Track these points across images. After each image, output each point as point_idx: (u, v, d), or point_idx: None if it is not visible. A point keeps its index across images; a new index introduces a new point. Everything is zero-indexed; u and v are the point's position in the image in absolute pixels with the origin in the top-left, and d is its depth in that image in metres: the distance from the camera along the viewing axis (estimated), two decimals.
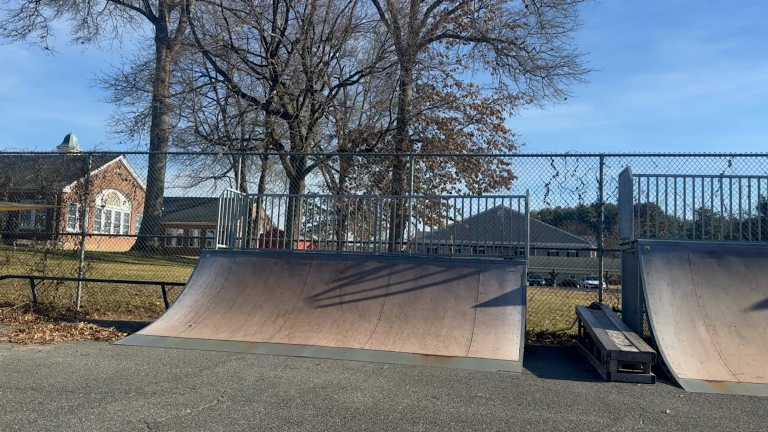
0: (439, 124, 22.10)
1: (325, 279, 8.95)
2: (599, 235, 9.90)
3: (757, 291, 7.45)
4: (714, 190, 8.39)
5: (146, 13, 28.13)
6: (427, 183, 20.68)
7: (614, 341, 6.73)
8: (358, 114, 28.59)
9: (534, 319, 10.53)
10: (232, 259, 9.56)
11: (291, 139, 23.69)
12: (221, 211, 9.96)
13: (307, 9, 22.68)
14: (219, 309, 8.61)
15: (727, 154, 9.30)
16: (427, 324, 7.86)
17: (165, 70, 25.85)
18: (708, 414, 5.01)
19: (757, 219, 8.73)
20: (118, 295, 12.07)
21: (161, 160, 24.35)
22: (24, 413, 4.38)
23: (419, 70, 23.51)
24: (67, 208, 14.52)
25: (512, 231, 9.40)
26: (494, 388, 5.73)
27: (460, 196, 14.75)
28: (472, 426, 4.42)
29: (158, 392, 5.17)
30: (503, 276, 8.43)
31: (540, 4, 22.92)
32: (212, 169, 30.70)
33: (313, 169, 24.24)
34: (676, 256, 7.89)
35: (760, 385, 6.02)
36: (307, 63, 22.24)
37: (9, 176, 13.48)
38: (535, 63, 23.19)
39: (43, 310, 10.29)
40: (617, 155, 9.78)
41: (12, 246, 13.15)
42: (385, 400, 5.12)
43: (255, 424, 4.32)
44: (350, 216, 11.82)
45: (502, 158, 20.00)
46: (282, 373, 6.16)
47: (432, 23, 23.33)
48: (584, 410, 5.01)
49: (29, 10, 27.38)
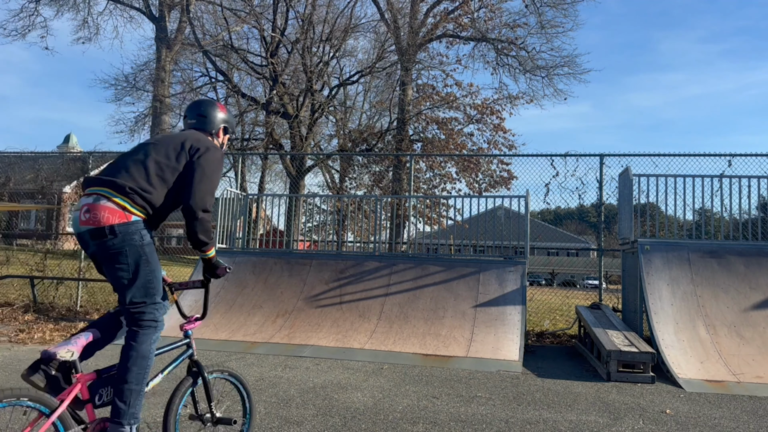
0: (439, 124, 22.10)
1: (325, 279, 8.95)
2: (599, 235, 9.90)
3: (757, 291, 7.46)
4: (714, 190, 8.39)
5: (146, 13, 28.11)
6: (427, 183, 20.67)
7: (614, 341, 6.74)
8: (358, 114, 28.59)
9: (534, 319, 10.53)
10: (232, 259, 9.56)
11: (291, 139, 23.68)
12: (221, 211, 9.96)
13: (307, 9, 22.68)
14: (219, 309, 8.61)
15: (727, 154, 9.30)
16: (427, 324, 7.86)
17: (165, 70, 25.83)
18: (708, 414, 5.01)
19: (757, 219, 8.73)
20: None
21: None
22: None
23: (419, 70, 23.51)
24: (67, 208, 14.52)
25: (512, 231, 9.40)
26: (494, 388, 5.73)
27: (460, 196, 14.75)
28: (471, 426, 4.42)
29: (158, 392, 5.17)
30: (503, 276, 8.43)
31: (540, 4, 22.90)
32: None
33: (313, 169, 24.23)
34: (676, 256, 7.89)
35: (760, 385, 6.02)
36: (307, 63, 22.24)
37: (9, 176, 13.48)
38: (535, 63, 23.17)
39: (43, 310, 10.29)
40: (617, 155, 9.78)
41: (12, 246, 13.15)
42: (385, 399, 5.12)
43: (255, 423, 4.32)
44: (350, 216, 11.82)
45: (502, 158, 19.99)
46: (282, 372, 6.16)
47: (432, 23, 23.32)
48: (584, 410, 5.01)
49: (29, 10, 27.34)
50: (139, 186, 2.86)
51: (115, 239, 2.77)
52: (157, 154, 2.99)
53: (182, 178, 2.99)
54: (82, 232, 2.83)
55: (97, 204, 2.80)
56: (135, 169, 2.92)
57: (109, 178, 2.89)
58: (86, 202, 2.84)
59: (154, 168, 2.94)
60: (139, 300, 2.85)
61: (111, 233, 2.75)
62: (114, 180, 2.87)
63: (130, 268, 2.82)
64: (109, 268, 2.85)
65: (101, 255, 2.83)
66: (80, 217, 2.81)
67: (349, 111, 27.53)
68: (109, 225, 2.76)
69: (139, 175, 2.90)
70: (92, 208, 2.79)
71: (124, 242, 2.78)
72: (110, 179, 2.87)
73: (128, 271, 2.81)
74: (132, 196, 2.84)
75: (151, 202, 2.89)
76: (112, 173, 2.92)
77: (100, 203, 2.80)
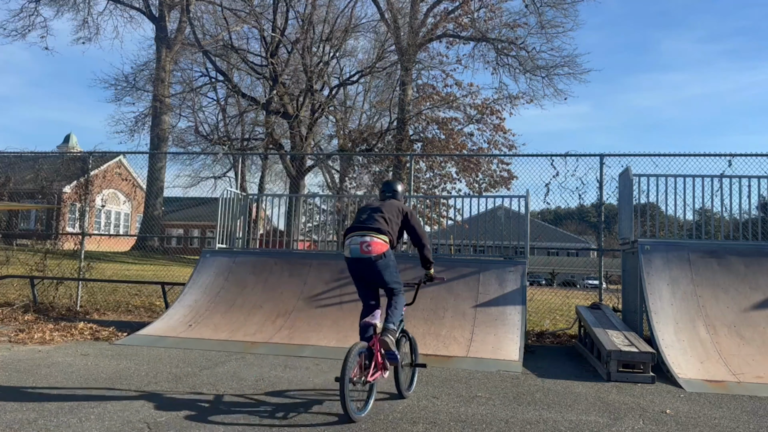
0: (439, 124, 22.11)
1: (325, 279, 8.94)
2: (599, 235, 9.89)
3: (757, 291, 7.45)
4: (714, 190, 8.39)
5: (146, 13, 28.12)
6: (427, 183, 20.67)
7: (614, 341, 6.73)
8: (358, 114, 28.57)
9: (534, 319, 10.53)
10: (232, 259, 9.56)
11: (291, 139, 23.68)
12: (221, 211, 9.96)
13: (307, 9, 22.68)
14: (219, 309, 8.61)
15: (727, 154, 9.28)
16: (426, 324, 7.86)
17: (165, 70, 25.83)
18: (708, 414, 5.01)
19: (757, 219, 8.73)
20: (118, 295, 12.07)
21: (161, 159, 24.32)
22: (24, 413, 4.38)
23: (419, 70, 23.52)
24: (67, 208, 14.52)
25: (512, 231, 9.40)
26: (494, 388, 5.73)
27: (460, 196, 14.76)
28: (471, 426, 4.42)
29: (158, 392, 5.17)
30: (503, 276, 8.43)
31: (540, 4, 22.90)
32: (212, 169, 30.69)
33: (313, 169, 24.24)
34: (676, 256, 7.88)
35: (760, 385, 6.02)
36: (307, 63, 22.24)
37: (9, 176, 13.47)
38: (535, 63, 23.17)
39: (43, 310, 10.29)
40: (617, 155, 9.77)
41: (12, 246, 13.14)
42: (385, 400, 5.12)
43: (255, 423, 4.32)
44: (350, 216, 11.81)
45: (502, 158, 20.00)
46: (282, 373, 6.16)
47: (432, 23, 23.33)
48: (584, 410, 5.01)
49: (29, 10, 27.35)
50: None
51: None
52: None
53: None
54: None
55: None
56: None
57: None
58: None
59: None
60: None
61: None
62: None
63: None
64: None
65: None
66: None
67: (349, 111, 27.51)
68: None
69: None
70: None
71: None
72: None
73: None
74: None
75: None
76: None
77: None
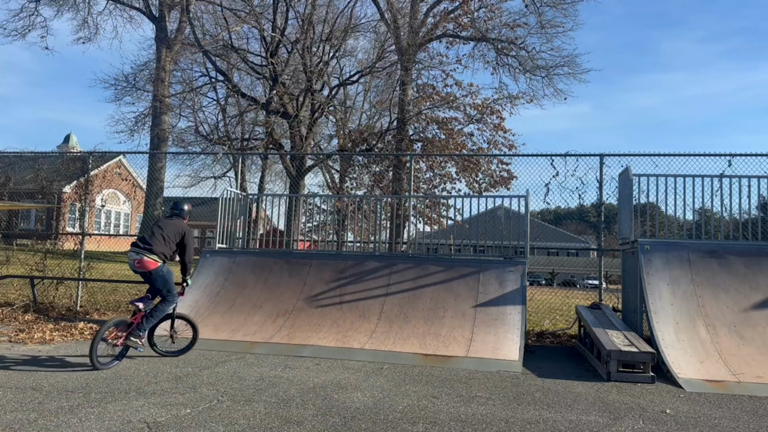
0: (439, 123, 22.07)
1: (325, 279, 8.95)
2: (599, 235, 9.89)
3: (757, 291, 7.45)
4: (714, 190, 8.38)
5: (146, 13, 28.09)
6: (427, 183, 20.65)
7: (614, 341, 6.73)
8: (358, 114, 28.55)
9: (534, 318, 10.53)
10: (232, 258, 9.56)
11: (291, 139, 23.65)
12: (221, 211, 9.96)
13: (307, 9, 22.66)
14: (219, 309, 8.61)
15: (727, 154, 9.27)
16: (427, 324, 7.86)
17: (165, 70, 25.81)
18: (708, 414, 5.01)
19: (757, 219, 8.72)
20: (118, 294, 12.06)
21: (161, 159, 24.30)
22: (24, 413, 4.37)
23: (419, 70, 23.47)
24: (67, 208, 14.51)
25: (512, 231, 9.39)
26: (494, 388, 5.73)
27: (460, 196, 14.73)
28: (471, 426, 4.42)
29: (158, 392, 5.17)
30: (503, 276, 8.43)
31: (540, 4, 22.87)
32: (212, 168, 30.65)
33: (313, 169, 24.21)
34: (676, 256, 7.88)
35: (760, 385, 6.02)
36: (307, 63, 22.23)
37: (9, 176, 13.46)
38: (535, 63, 23.13)
39: (43, 310, 10.29)
40: (617, 155, 9.76)
41: (12, 246, 13.12)
42: (385, 399, 5.12)
43: (255, 423, 4.32)
44: (350, 216, 11.81)
45: (502, 158, 19.97)
46: (282, 372, 6.16)
47: (432, 23, 23.30)
48: (584, 410, 5.01)
49: (29, 10, 27.32)
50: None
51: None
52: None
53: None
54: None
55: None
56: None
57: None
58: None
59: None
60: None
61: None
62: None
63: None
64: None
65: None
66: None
67: (349, 111, 27.49)
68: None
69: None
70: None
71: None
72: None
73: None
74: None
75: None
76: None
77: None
